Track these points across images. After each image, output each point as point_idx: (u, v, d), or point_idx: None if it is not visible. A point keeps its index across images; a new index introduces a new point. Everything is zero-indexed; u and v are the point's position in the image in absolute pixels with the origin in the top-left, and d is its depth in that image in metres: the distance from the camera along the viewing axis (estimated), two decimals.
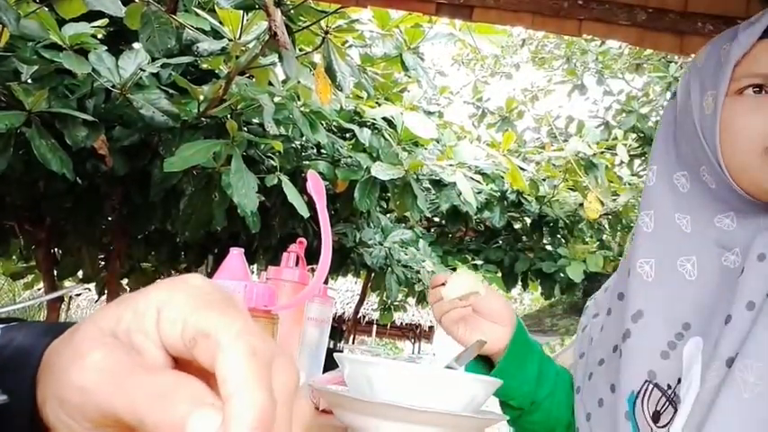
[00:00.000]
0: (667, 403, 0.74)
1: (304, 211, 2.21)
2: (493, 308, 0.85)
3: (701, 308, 0.74)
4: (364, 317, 10.20)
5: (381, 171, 2.57)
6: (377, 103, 2.96)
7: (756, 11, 1.45)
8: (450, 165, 3.02)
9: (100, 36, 2.21)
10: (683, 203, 0.77)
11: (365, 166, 2.68)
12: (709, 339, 0.71)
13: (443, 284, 0.84)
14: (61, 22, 1.95)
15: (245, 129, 2.42)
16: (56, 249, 3.20)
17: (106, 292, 3.25)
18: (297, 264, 0.95)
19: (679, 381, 0.73)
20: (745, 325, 0.67)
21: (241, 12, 2.05)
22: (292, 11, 2.11)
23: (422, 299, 4.24)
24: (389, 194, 2.91)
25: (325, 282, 1.02)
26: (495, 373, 0.82)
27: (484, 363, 0.88)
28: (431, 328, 12.47)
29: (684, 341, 0.74)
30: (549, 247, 3.96)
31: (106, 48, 2.07)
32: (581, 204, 3.73)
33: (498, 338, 0.85)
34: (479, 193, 3.39)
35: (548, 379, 0.86)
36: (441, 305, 0.83)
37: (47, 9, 1.94)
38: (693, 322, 0.74)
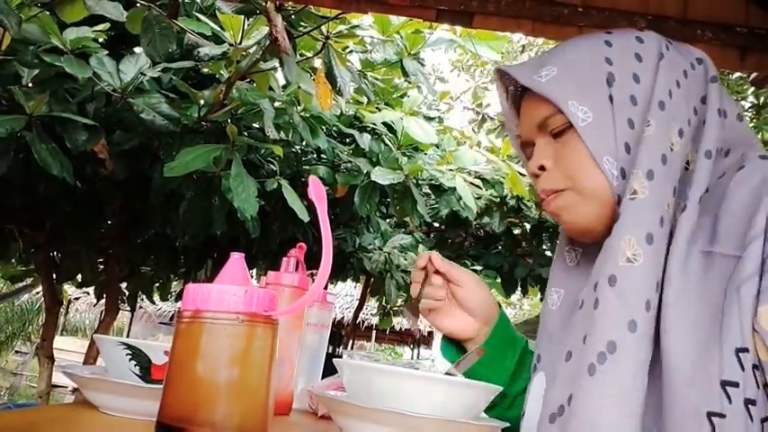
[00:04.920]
0: None
1: (304, 216, 2.21)
2: (469, 298, 0.89)
3: (552, 340, 0.76)
4: (363, 322, 10.19)
5: (381, 176, 2.57)
6: (377, 108, 2.97)
7: (755, 18, 1.46)
8: (450, 170, 3.01)
9: (101, 40, 2.21)
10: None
11: (365, 171, 2.68)
12: (550, 375, 0.72)
13: (425, 269, 0.89)
14: (62, 26, 1.96)
15: (246, 133, 2.42)
16: (55, 253, 3.19)
17: (105, 295, 3.24)
18: (297, 268, 0.95)
19: (523, 414, 0.76)
20: (579, 363, 0.65)
21: (242, 17, 2.06)
22: (293, 16, 2.11)
23: None
24: (389, 199, 2.91)
25: (325, 287, 1.02)
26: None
27: (457, 348, 0.91)
28: (430, 333, 12.44)
29: (536, 372, 0.77)
30: (548, 253, 3.95)
31: (107, 52, 2.08)
32: None
33: (465, 328, 0.89)
34: (479, 198, 3.38)
35: (525, 377, 0.87)
36: (413, 289, 0.90)
37: (48, 13, 1.94)
38: (543, 354, 0.77)
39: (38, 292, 7.49)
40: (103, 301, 3.32)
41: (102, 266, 3.31)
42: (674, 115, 0.67)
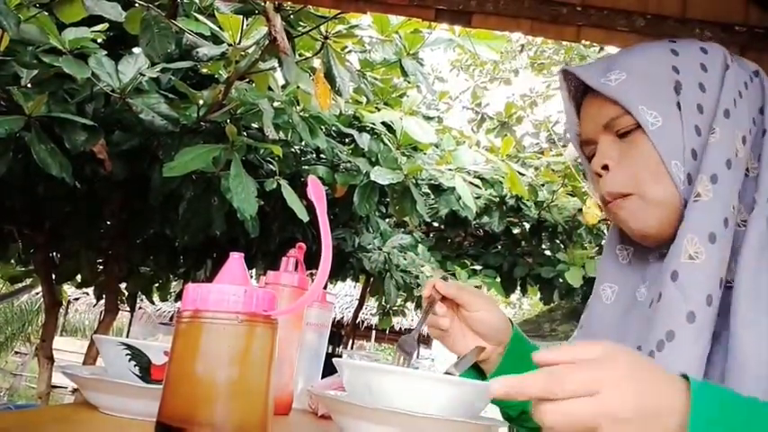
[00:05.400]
0: None
1: (303, 216, 2.21)
2: (479, 324, 0.88)
3: (608, 333, 0.78)
4: (363, 322, 10.18)
5: (380, 176, 2.57)
6: (376, 107, 2.97)
7: (754, 17, 1.46)
8: (450, 170, 3.02)
9: (100, 41, 2.21)
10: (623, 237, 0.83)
11: (364, 171, 2.68)
12: None
13: (431, 298, 0.88)
14: (61, 27, 1.96)
15: (245, 133, 2.42)
16: (54, 253, 3.19)
17: (104, 296, 3.24)
18: (296, 268, 0.95)
19: None
20: (643, 354, 0.67)
21: (241, 17, 2.06)
22: (292, 16, 2.11)
23: (421, 304, 4.23)
24: (389, 199, 2.91)
25: (324, 286, 1.02)
26: None
27: (471, 367, 0.90)
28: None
29: None
30: (547, 252, 3.96)
31: (106, 52, 2.08)
32: (580, 209, 3.72)
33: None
34: (478, 198, 3.39)
35: None
36: (425, 310, 0.90)
37: (47, 14, 1.94)
38: None
39: (37, 293, 7.48)
40: (103, 301, 3.31)
41: (101, 267, 3.31)
42: (739, 123, 0.70)
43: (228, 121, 2.29)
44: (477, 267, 3.84)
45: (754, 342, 0.61)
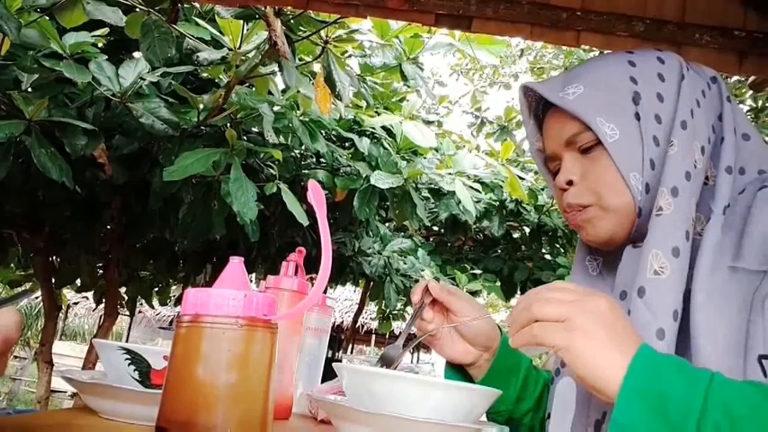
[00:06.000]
0: None
1: (303, 220, 2.21)
2: (467, 329, 0.88)
3: None
4: (363, 326, 10.18)
5: (380, 180, 2.57)
6: (376, 112, 2.97)
7: (753, 21, 1.47)
8: (450, 174, 3.02)
9: (100, 45, 2.21)
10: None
11: (364, 175, 2.68)
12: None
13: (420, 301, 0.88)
14: (62, 31, 1.96)
15: (245, 137, 2.42)
16: (54, 257, 3.19)
17: (104, 300, 3.24)
18: (296, 273, 0.95)
19: (549, 415, 0.78)
20: None
21: (241, 21, 2.06)
22: (292, 21, 2.12)
23: None
24: (388, 203, 2.91)
25: (324, 291, 1.02)
26: None
27: (462, 372, 0.90)
28: None
29: (560, 378, 0.78)
30: (547, 257, 3.96)
31: (106, 57, 2.08)
32: None
33: (465, 355, 0.88)
34: (478, 202, 3.39)
35: (531, 396, 0.87)
36: (413, 314, 0.90)
37: (48, 18, 1.94)
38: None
39: (37, 297, 7.47)
40: (102, 305, 3.31)
41: (101, 271, 3.31)
42: (697, 133, 0.70)
43: (229, 125, 2.29)
44: (478, 271, 3.83)
45: (711, 348, 0.61)
